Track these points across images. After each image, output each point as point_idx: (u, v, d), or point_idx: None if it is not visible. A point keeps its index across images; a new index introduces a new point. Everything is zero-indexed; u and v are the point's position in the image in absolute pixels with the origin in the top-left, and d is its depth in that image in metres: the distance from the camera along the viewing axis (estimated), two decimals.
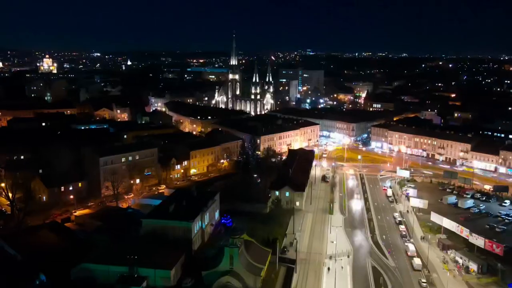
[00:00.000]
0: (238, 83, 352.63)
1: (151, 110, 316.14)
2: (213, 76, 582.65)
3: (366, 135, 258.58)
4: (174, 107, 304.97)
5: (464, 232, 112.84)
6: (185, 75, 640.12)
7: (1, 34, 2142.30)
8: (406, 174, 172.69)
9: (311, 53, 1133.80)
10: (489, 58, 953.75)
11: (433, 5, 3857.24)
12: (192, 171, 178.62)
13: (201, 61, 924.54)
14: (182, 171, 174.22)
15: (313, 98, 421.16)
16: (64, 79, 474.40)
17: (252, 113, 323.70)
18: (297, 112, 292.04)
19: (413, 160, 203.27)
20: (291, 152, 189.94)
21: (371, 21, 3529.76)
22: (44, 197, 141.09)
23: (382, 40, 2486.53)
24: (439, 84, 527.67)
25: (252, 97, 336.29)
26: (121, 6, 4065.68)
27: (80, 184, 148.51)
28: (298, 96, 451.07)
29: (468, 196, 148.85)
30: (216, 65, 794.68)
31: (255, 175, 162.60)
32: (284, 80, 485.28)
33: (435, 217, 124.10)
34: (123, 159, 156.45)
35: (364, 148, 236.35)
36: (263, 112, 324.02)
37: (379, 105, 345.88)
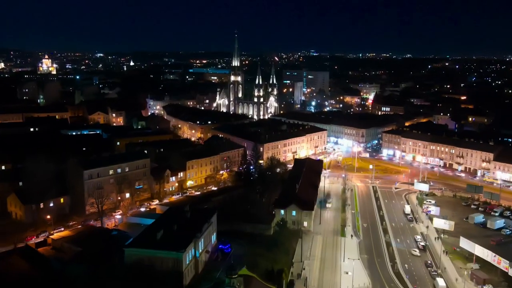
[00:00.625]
0: (240, 85, 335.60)
1: (149, 114, 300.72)
2: (215, 78, 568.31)
3: (376, 142, 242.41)
4: (173, 111, 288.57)
5: (502, 264, 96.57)
6: (187, 76, 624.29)
7: (5, 35, 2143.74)
8: (425, 187, 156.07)
9: (314, 54, 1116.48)
10: (495, 59, 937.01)
11: (433, 5, 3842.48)
12: (189, 183, 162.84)
13: (204, 61, 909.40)
14: (177, 183, 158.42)
15: (318, 101, 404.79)
16: (60, 80, 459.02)
17: (255, 117, 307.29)
18: (303, 117, 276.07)
19: (430, 171, 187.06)
20: (298, 162, 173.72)
21: (372, 21, 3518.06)
22: (20, 215, 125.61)
23: (383, 40, 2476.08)
24: (448, 86, 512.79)
25: (255, 100, 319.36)
26: (124, 6, 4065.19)
27: (62, 200, 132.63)
28: (303, 98, 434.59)
29: (497, 214, 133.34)
30: (219, 66, 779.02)
31: (257, 189, 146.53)
32: (288, 81, 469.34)
33: (465, 244, 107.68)
34: (110, 172, 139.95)
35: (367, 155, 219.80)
36: (266, 116, 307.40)
37: (388, 108, 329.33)
